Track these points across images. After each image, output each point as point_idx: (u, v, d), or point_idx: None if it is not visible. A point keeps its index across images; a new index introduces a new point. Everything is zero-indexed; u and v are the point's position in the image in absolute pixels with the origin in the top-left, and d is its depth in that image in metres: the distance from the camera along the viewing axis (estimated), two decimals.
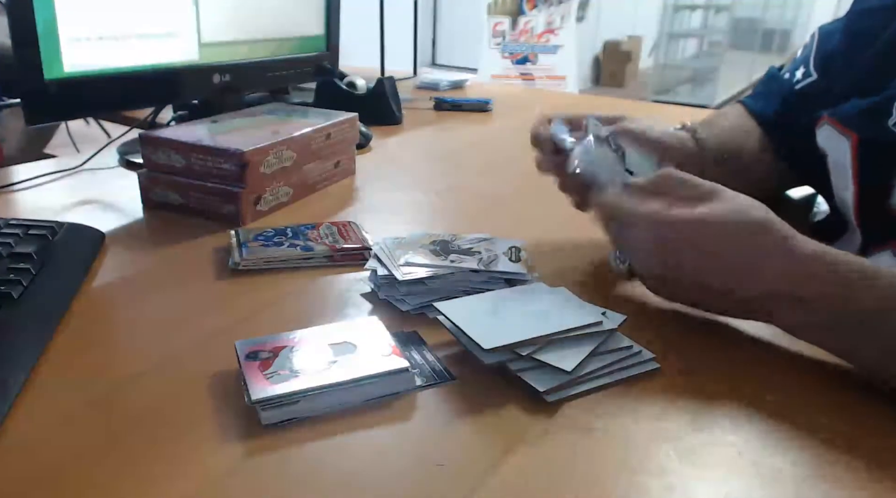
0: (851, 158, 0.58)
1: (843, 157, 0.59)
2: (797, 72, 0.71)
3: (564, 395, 0.41)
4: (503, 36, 4.31)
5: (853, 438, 0.39)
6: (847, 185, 0.59)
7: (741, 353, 0.47)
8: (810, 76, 0.70)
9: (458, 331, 0.44)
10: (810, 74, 0.70)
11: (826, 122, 0.61)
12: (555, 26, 4.23)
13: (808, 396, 0.42)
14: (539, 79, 4.27)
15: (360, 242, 0.60)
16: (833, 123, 0.60)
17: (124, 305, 0.52)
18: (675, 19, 5.78)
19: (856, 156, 0.58)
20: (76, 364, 0.44)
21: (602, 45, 6.08)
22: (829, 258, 0.44)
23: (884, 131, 0.55)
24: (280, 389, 0.38)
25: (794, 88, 0.71)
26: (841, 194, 0.62)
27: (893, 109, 0.55)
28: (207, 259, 0.59)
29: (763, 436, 0.39)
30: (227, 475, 0.35)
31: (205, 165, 0.66)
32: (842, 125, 0.59)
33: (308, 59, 1.05)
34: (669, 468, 0.36)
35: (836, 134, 0.60)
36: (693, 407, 0.41)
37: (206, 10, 0.84)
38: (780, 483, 0.35)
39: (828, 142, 0.62)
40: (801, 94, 0.70)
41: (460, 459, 0.36)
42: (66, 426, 0.38)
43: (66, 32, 0.68)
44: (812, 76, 0.69)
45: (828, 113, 0.61)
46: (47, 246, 0.55)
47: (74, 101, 0.71)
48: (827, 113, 0.61)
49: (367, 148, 0.98)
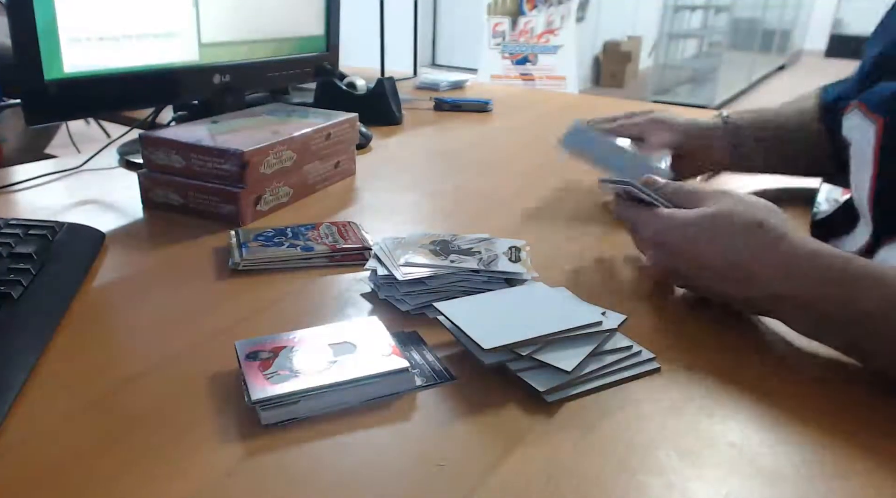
0: (875, 142, 0.58)
1: (867, 143, 0.59)
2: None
3: (564, 395, 0.41)
4: (503, 36, 4.31)
5: (856, 438, 0.39)
6: (866, 172, 0.59)
7: (742, 352, 0.47)
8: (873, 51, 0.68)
9: (458, 331, 0.44)
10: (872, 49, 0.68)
11: (855, 107, 0.62)
12: (555, 26, 4.23)
13: (810, 396, 0.42)
14: (539, 79, 4.27)
15: (360, 242, 0.60)
16: (862, 108, 0.60)
17: (124, 305, 0.52)
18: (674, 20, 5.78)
19: (880, 140, 0.58)
20: (76, 364, 0.44)
21: (602, 45, 6.07)
22: (826, 258, 0.44)
23: None
24: (280, 389, 0.38)
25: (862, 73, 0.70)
26: (858, 182, 0.61)
27: None
28: (207, 259, 0.59)
29: (764, 436, 0.39)
30: (227, 475, 0.35)
31: (205, 166, 0.66)
32: (869, 110, 0.59)
33: (308, 59, 1.05)
34: (669, 468, 0.36)
35: (862, 119, 0.60)
36: (693, 407, 0.41)
37: (206, 11, 0.84)
38: (780, 484, 0.35)
39: (854, 128, 0.62)
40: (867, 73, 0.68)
41: (460, 459, 0.36)
42: (65, 426, 0.38)
43: (66, 33, 0.68)
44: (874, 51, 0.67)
45: (858, 99, 0.62)
46: (47, 246, 0.56)
47: (74, 101, 0.71)
48: (857, 99, 0.62)
49: (367, 148, 0.98)
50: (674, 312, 0.52)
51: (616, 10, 5.94)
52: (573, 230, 0.67)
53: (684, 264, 0.50)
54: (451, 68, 5.48)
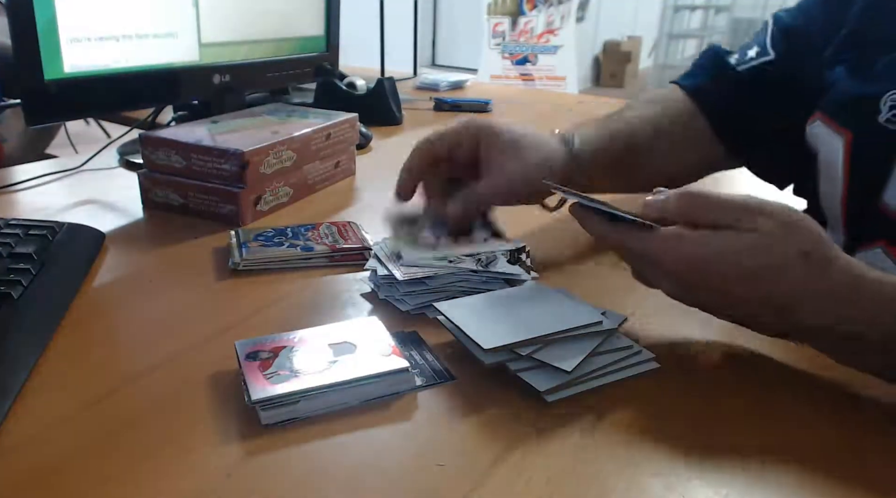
0: (844, 156, 0.58)
1: (836, 156, 0.58)
2: (749, 51, 0.68)
3: (564, 395, 0.41)
4: (503, 36, 4.31)
5: (858, 439, 0.39)
6: (836, 183, 0.59)
7: (742, 352, 0.47)
8: (766, 55, 0.66)
9: (458, 331, 0.44)
10: (766, 53, 0.66)
11: (818, 119, 0.60)
12: (554, 27, 4.23)
13: (811, 396, 0.42)
14: (539, 79, 4.27)
15: (360, 242, 0.60)
16: (826, 121, 0.60)
17: (124, 306, 0.52)
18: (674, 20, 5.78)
19: (849, 153, 0.57)
20: (76, 364, 0.44)
21: (602, 45, 6.07)
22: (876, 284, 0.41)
23: (876, 128, 0.54)
24: (280, 389, 0.38)
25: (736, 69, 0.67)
26: (826, 192, 0.61)
27: (881, 105, 0.54)
28: (207, 259, 0.59)
29: (764, 436, 0.39)
30: (227, 475, 0.35)
31: (205, 166, 0.66)
32: (836, 124, 0.59)
33: (308, 59, 1.05)
34: (669, 468, 0.36)
35: (829, 132, 0.59)
36: (693, 407, 0.41)
37: (206, 11, 0.84)
38: (780, 484, 0.35)
39: (820, 139, 0.61)
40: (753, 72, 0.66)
41: (460, 459, 0.36)
42: (65, 426, 0.38)
43: (66, 33, 0.68)
44: (768, 55, 0.66)
45: (819, 109, 0.60)
46: (47, 246, 0.55)
47: (74, 101, 0.71)
48: (819, 109, 0.60)
49: (367, 148, 0.98)
50: (674, 312, 0.52)
51: (616, 10, 5.94)
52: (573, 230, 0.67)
53: (707, 297, 0.44)
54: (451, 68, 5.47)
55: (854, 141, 0.57)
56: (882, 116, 0.54)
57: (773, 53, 0.66)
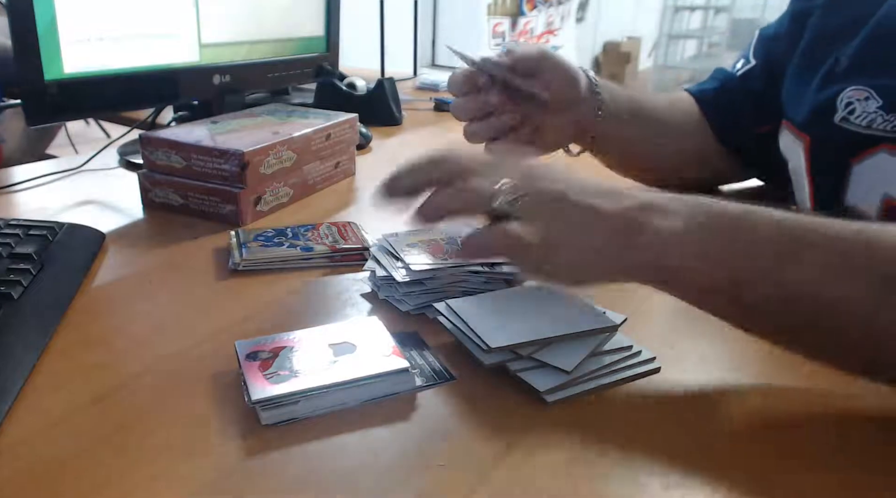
0: (805, 162, 0.59)
1: (799, 162, 0.60)
2: (737, 63, 0.75)
3: (564, 395, 0.41)
4: (503, 37, 4.31)
5: (858, 440, 0.39)
6: (804, 190, 0.60)
7: (742, 352, 0.47)
8: (749, 63, 0.73)
9: (458, 331, 0.44)
10: (749, 62, 0.73)
11: (784, 126, 0.62)
12: (554, 27, 4.22)
13: (811, 397, 0.42)
14: None
15: (360, 243, 0.60)
16: (790, 127, 0.61)
17: (124, 305, 0.52)
18: (674, 20, 5.79)
19: (809, 157, 0.58)
20: (76, 364, 0.44)
21: (602, 45, 6.07)
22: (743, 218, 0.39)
23: (832, 129, 0.55)
24: (280, 389, 0.38)
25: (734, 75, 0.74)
26: (800, 199, 0.62)
27: (837, 103, 0.55)
28: (207, 259, 0.59)
29: (764, 436, 0.39)
30: (227, 475, 0.35)
31: (205, 166, 0.66)
32: (797, 129, 0.60)
33: (308, 59, 1.05)
34: (669, 468, 0.36)
35: (792, 138, 0.61)
36: (693, 407, 0.41)
37: (207, 11, 0.84)
38: (781, 485, 0.35)
39: (786, 147, 0.63)
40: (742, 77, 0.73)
41: (460, 459, 0.36)
42: (66, 426, 0.38)
43: (67, 33, 0.68)
44: (750, 63, 0.73)
45: (785, 117, 0.63)
46: (47, 246, 0.56)
47: (75, 101, 0.71)
48: (785, 117, 0.63)
49: (367, 148, 0.98)
50: (674, 312, 0.52)
51: (616, 10, 5.94)
52: None
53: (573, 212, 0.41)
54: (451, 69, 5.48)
55: (811, 145, 0.58)
56: (838, 116, 0.55)
57: (753, 61, 0.73)
